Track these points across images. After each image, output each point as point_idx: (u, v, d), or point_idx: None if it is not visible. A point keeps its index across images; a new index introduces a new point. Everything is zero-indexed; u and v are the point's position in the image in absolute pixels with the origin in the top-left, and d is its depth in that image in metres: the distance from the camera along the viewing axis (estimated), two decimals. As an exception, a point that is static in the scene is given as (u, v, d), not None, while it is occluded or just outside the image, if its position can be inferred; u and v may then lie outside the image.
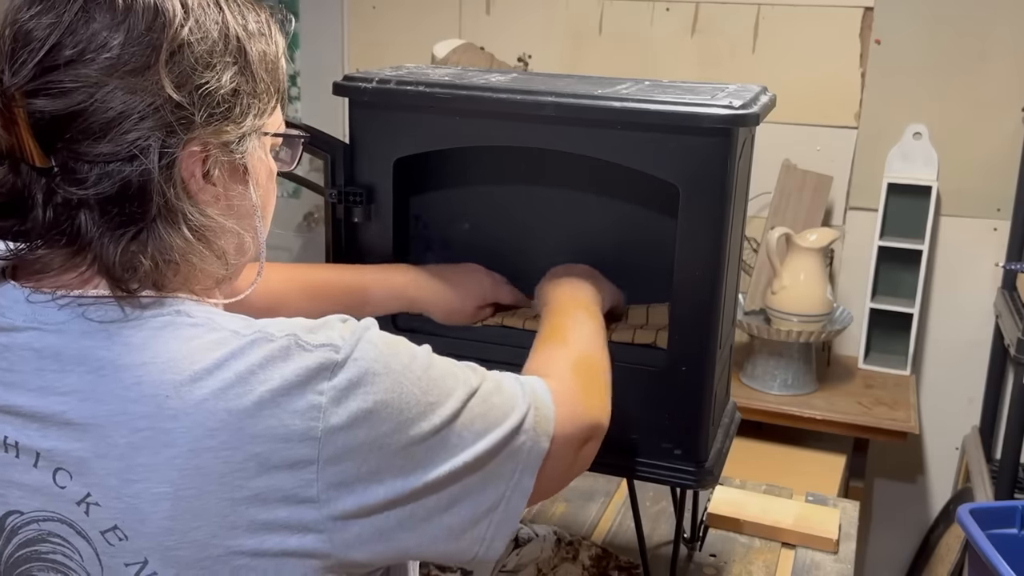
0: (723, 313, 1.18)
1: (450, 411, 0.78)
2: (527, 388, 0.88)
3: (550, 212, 1.30)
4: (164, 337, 0.72)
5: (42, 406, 0.72)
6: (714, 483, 1.24)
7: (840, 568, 1.45)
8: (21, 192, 0.72)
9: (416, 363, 0.78)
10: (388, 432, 0.74)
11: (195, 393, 0.70)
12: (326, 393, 0.71)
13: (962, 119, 2.49)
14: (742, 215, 1.28)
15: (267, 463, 0.70)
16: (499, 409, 0.83)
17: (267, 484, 0.70)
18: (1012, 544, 1.39)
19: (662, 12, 2.67)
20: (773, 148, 2.50)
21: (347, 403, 0.72)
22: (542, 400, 0.88)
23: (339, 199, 1.24)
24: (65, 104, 0.70)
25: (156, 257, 0.73)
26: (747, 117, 1.08)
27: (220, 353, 0.71)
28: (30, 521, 0.74)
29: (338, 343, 0.74)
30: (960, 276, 2.58)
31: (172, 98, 0.72)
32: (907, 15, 2.48)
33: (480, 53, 2.71)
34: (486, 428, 0.81)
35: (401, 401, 0.75)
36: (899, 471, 2.74)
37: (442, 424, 0.77)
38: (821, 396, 2.42)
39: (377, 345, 0.76)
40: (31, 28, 0.70)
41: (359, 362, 0.73)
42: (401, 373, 0.76)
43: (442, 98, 1.17)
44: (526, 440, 0.84)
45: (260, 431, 0.70)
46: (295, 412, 0.70)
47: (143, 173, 0.71)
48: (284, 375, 0.71)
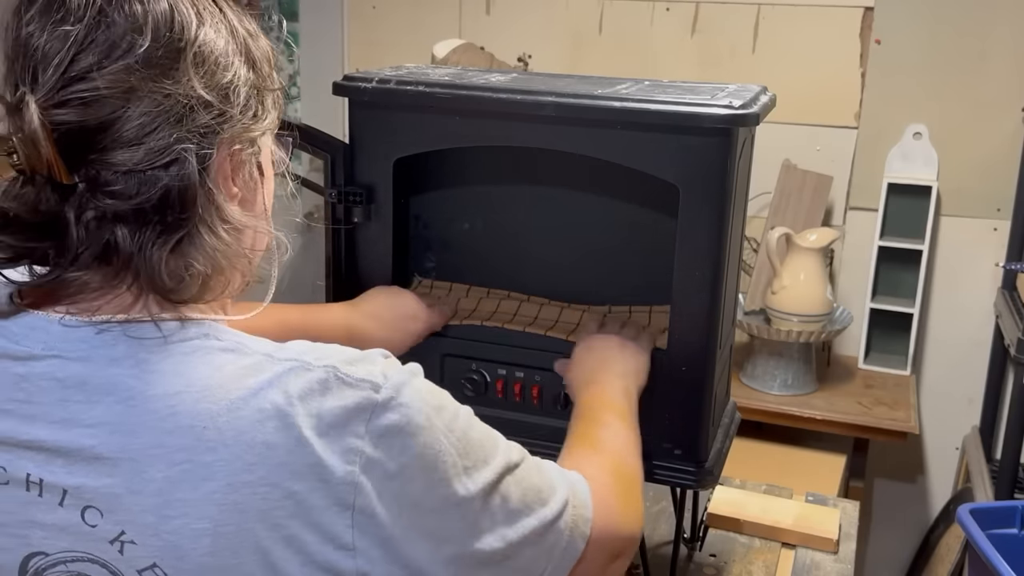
0: (723, 313, 1.18)
1: (485, 481, 0.74)
2: (567, 480, 0.84)
3: (550, 212, 1.30)
4: (194, 363, 0.69)
5: (67, 440, 0.67)
6: (714, 483, 1.24)
7: (840, 568, 1.45)
8: (51, 212, 0.67)
9: (458, 423, 0.75)
10: (420, 490, 0.71)
11: (233, 424, 0.66)
12: (365, 437, 0.68)
13: (962, 119, 2.49)
14: (742, 215, 1.27)
15: (305, 503, 0.67)
16: (536, 493, 0.79)
17: (306, 523, 0.67)
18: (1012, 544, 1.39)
19: (662, 12, 2.67)
20: (773, 148, 2.50)
21: (384, 451, 0.69)
22: (582, 498, 0.84)
23: (339, 199, 1.24)
24: (95, 113, 0.66)
25: (202, 264, 0.71)
26: (747, 117, 1.08)
27: (255, 380, 0.68)
28: (56, 563, 0.70)
29: (379, 381, 0.70)
30: (960, 276, 2.58)
31: (204, 98, 0.69)
32: (907, 15, 2.48)
33: (480, 53, 2.71)
34: (521, 510, 0.77)
35: (438, 459, 0.71)
36: (899, 471, 2.74)
37: (477, 493, 0.74)
38: (821, 396, 2.42)
39: (423, 395, 0.72)
40: (48, 37, 0.66)
41: (402, 409, 0.70)
42: (442, 430, 0.72)
43: (442, 98, 1.17)
44: (560, 539, 0.80)
45: (299, 469, 0.67)
46: (334, 453, 0.67)
47: (183, 178, 0.68)
48: (323, 411, 0.68)
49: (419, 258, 1.37)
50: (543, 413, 1.24)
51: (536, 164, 1.28)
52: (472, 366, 1.25)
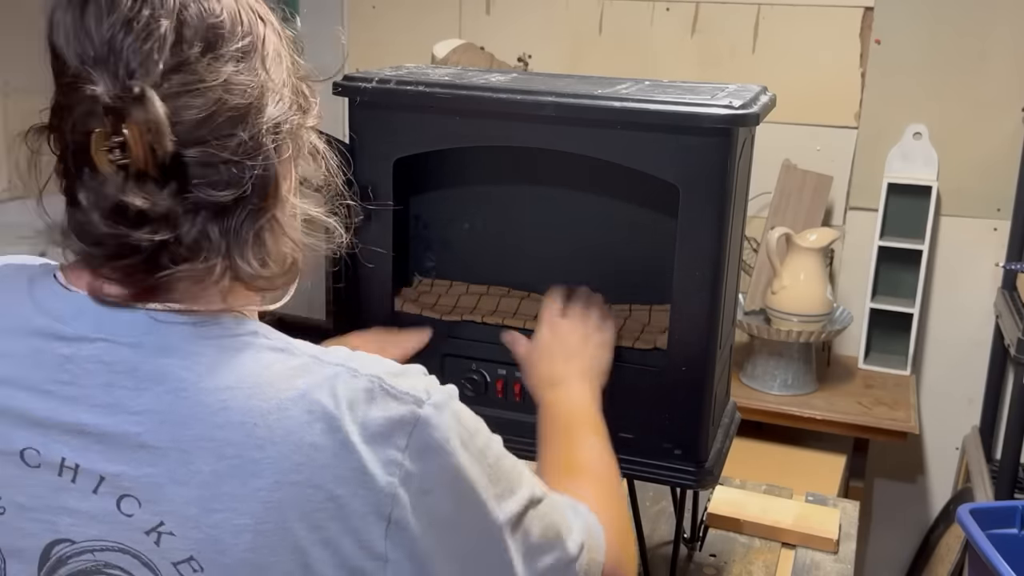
0: (723, 313, 1.18)
1: (512, 511, 0.75)
2: (582, 519, 0.85)
3: (550, 212, 1.30)
4: (245, 359, 0.69)
5: (110, 425, 0.67)
6: (714, 483, 1.24)
7: (840, 568, 1.45)
8: (163, 206, 0.66)
9: (491, 450, 0.76)
10: (452, 509, 0.71)
11: (283, 423, 0.67)
12: (405, 450, 0.69)
13: (962, 119, 2.49)
14: (742, 215, 1.28)
15: (347, 507, 0.67)
16: (556, 530, 0.80)
17: (345, 528, 0.67)
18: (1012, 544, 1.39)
19: (662, 12, 2.67)
20: (773, 148, 2.50)
21: (422, 466, 0.70)
22: (596, 541, 0.85)
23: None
24: (201, 104, 0.66)
25: (279, 250, 0.73)
26: (747, 117, 1.08)
27: (304, 382, 0.69)
28: (83, 551, 0.69)
29: (422, 396, 0.71)
30: (960, 276, 2.58)
31: (277, 89, 0.71)
32: (907, 15, 2.48)
33: (480, 53, 2.71)
34: (541, 546, 0.77)
35: (472, 482, 0.72)
36: (899, 471, 2.74)
37: (505, 522, 0.74)
38: (821, 396, 2.42)
39: (462, 417, 0.73)
40: (140, 32, 0.65)
41: (441, 429, 0.71)
42: (477, 455, 0.73)
43: (442, 98, 1.17)
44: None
45: (343, 473, 0.67)
46: (377, 462, 0.68)
47: (267, 168, 0.70)
48: (368, 419, 0.68)
49: (419, 258, 1.37)
50: (543, 413, 1.24)
51: (536, 164, 1.28)
52: (472, 366, 1.25)
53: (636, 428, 1.20)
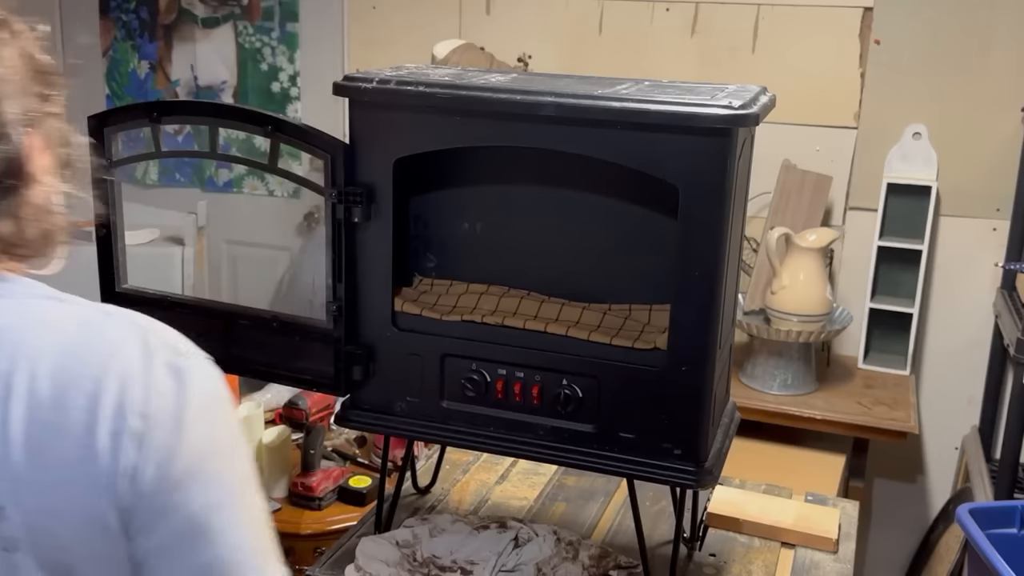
0: (723, 313, 1.18)
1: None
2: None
3: (550, 212, 1.31)
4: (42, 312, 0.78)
5: None
6: (714, 483, 1.24)
7: (840, 568, 1.45)
8: None
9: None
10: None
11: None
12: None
13: (962, 119, 2.49)
14: (742, 215, 1.28)
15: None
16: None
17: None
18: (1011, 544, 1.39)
19: (662, 12, 2.67)
20: (773, 148, 2.50)
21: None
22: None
23: (339, 199, 1.24)
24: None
25: (37, 226, 0.82)
26: (747, 117, 1.08)
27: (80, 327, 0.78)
28: None
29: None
30: (960, 276, 2.58)
31: (29, 76, 0.81)
32: (907, 15, 2.49)
33: (480, 53, 2.71)
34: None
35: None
36: (899, 471, 2.74)
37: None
38: (821, 396, 2.42)
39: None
40: None
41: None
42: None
43: (442, 98, 1.17)
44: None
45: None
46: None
47: (9, 151, 0.78)
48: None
49: (419, 257, 1.37)
50: (543, 413, 1.24)
51: (536, 164, 1.28)
52: (472, 366, 1.25)
53: (636, 428, 1.20)
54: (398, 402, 1.30)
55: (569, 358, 1.22)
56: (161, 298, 1.38)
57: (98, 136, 1.34)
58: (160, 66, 3.27)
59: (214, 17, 3.16)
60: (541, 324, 1.25)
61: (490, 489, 1.64)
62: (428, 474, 1.63)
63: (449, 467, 1.69)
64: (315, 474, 2.11)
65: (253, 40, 3.13)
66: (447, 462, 1.67)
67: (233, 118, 1.31)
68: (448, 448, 1.65)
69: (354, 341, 1.29)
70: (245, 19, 3.12)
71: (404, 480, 1.45)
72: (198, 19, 3.18)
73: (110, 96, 3.34)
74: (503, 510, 1.56)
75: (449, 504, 1.58)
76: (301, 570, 1.99)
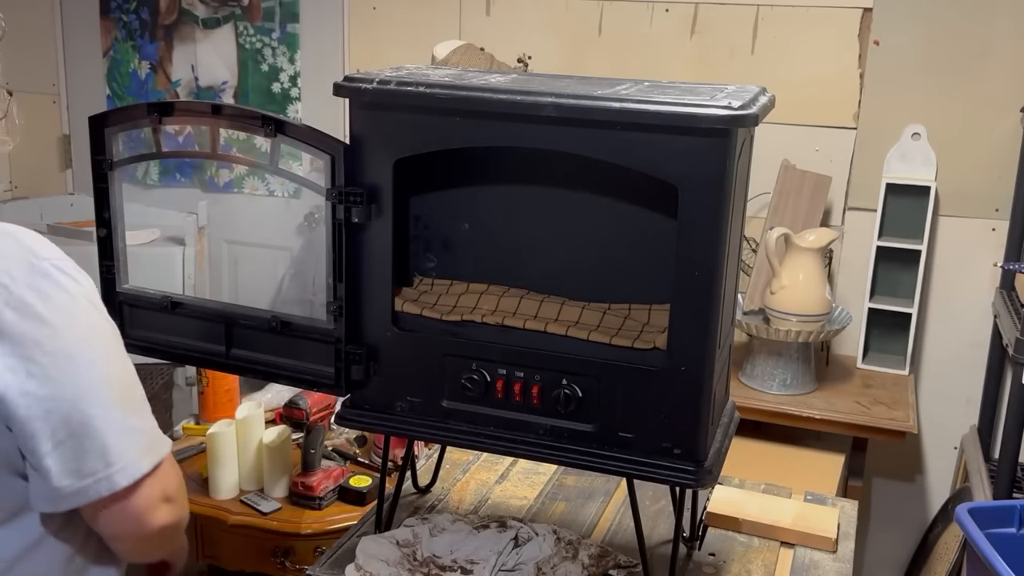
0: (722, 313, 1.18)
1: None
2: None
3: (550, 212, 1.31)
4: None
5: None
6: (713, 482, 1.24)
7: (839, 567, 1.45)
8: None
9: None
10: None
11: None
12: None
13: (961, 119, 2.50)
14: (741, 215, 1.28)
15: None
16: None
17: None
18: (1010, 543, 1.40)
19: (661, 13, 2.68)
20: (773, 148, 2.50)
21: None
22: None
23: (339, 199, 1.24)
24: None
25: None
26: (746, 118, 1.08)
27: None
28: None
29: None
30: (959, 276, 2.58)
31: None
32: (906, 16, 2.49)
33: (480, 54, 2.71)
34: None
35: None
36: (898, 470, 2.74)
37: None
38: (820, 396, 2.42)
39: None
40: None
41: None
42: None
43: (442, 99, 1.17)
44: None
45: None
46: None
47: None
48: None
49: (419, 257, 1.37)
50: (543, 413, 1.24)
51: (536, 164, 1.28)
52: (472, 366, 1.26)
53: (636, 428, 1.20)
54: (398, 402, 1.30)
55: (569, 358, 1.22)
56: (162, 298, 1.38)
57: (98, 136, 1.34)
58: (161, 66, 3.27)
59: (215, 18, 3.16)
60: (541, 324, 1.26)
61: (490, 489, 1.64)
62: (428, 474, 1.63)
63: (449, 467, 1.69)
64: (315, 474, 2.11)
65: (254, 41, 3.13)
66: (447, 462, 1.68)
67: (233, 118, 1.31)
68: (448, 448, 1.65)
69: (354, 341, 1.29)
70: (246, 20, 3.12)
71: (404, 480, 1.46)
72: (199, 20, 3.18)
73: (111, 96, 3.34)
74: (503, 510, 1.56)
75: (449, 504, 1.58)
76: (301, 569, 2.00)
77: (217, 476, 2.12)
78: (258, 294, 3.16)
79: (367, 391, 1.31)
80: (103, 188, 1.37)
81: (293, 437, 2.23)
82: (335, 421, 1.41)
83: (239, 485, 2.15)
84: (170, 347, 1.40)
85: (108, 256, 1.39)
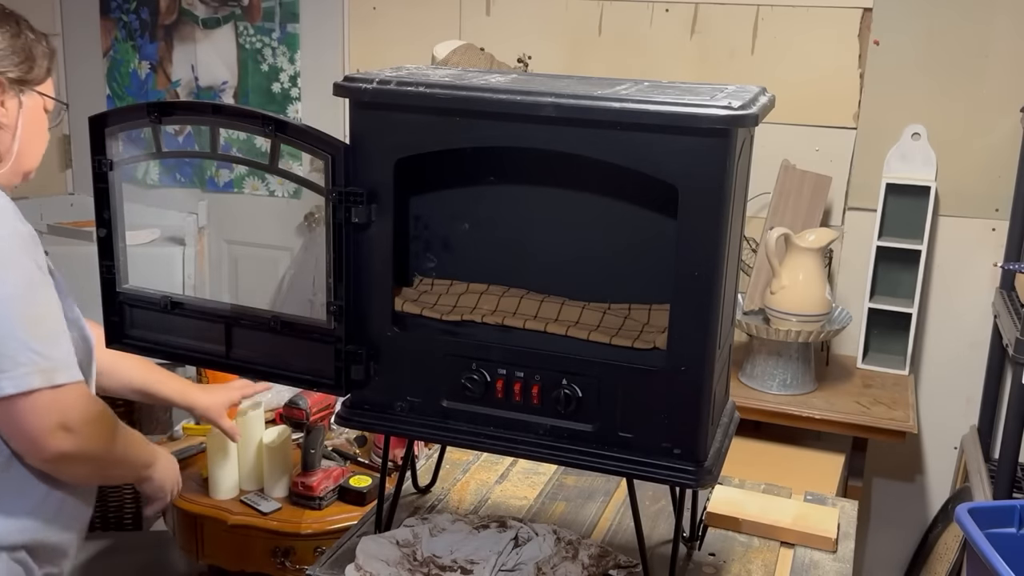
0: (722, 313, 1.18)
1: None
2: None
3: (550, 212, 1.31)
4: None
5: None
6: (713, 482, 1.24)
7: (839, 567, 1.45)
8: None
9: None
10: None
11: None
12: None
13: (961, 119, 2.50)
14: (741, 215, 1.28)
15: None
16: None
17: None
18: (1010, 543, 1.39)
19: (661, 13, 2.68)
20: (773, 148, 2.50)
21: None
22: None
23: (340, 199, 1.24)
24: None
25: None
26: (746, 118, 1.08)
27: None
28: None
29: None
30: (959, 276, 2.58)
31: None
32: (906, 16, 2.49)
33: (480, 54, 2.71)
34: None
35: None
36: (898, 470, 2.74)
37: None
38: (820, 396, 2.42)
39: None
40: None
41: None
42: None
43: (442, 99, 1.17)
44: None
45: None
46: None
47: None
48: None
49: (419, 257, 1.37)
50: (543, 413, 1.24)
51: (536, 164, 1.28)
52: (472, 366, 1.26)
53: (635, 428, 1.20)
54: (398, 402, 1.30)
55: (569, 358, 1.22)
56: (161, 298, 1.38)
57: (98, 136, 1.34)
58: (161, 67, 3.27)
59: (215, 18, 3.16)
60: (541, 324, 1.26)
61: (490, 489, 1.64)
62: (428, 474, 1.63)
63: (449, 467, 1.69)
64: (315, 474, 2.11)
65: (254, 41, 3.13)
66: (447, 462, 1.68)
67: (233, 118, 1.31)
68: (448, 448, 1.65)
69: (354, 341, 1.29)
70: (246, 20, 3.13)
71: (404, 480, 1.46)
72: (199, 20, 3.18)
73: (111, 96, 3.34)
74: (503, 509, 1.56)
75: (449, 504, 1.58)
76: (301, 569, 2.00)
77: (217, 476, 2.12)
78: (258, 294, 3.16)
79: (367, 391, 1.31)
80: (103, 188, 1.37)
81: (293, 437, 2.23)
82: (335, 421, 1.41)
83: (239, 485, 2.15)
84: (170, 347, 1.40)
85: (108, 256, 1.39)
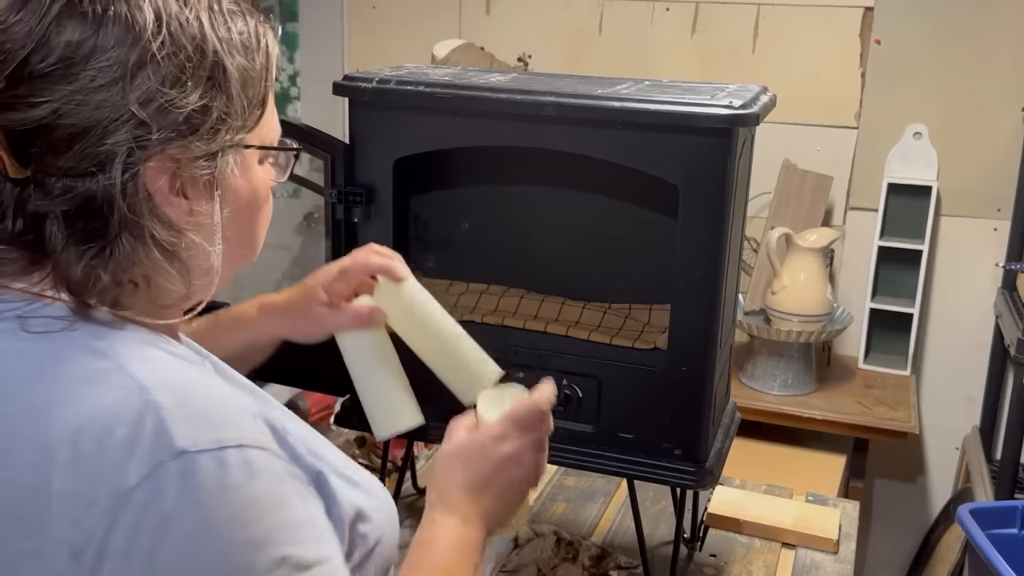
0: (723, 313, 1.18)
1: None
2: None
3: (550, 212, 1.30)
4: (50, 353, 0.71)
5: None
6: (714, 483, 1.24)
7: (840, 568, 1.45)
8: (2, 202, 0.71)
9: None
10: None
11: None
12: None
13: (962, 119, 2.49)
14: (742, 215, 1.28)
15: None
16: None
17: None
18: (1012, 544, 1.39)
19: (662, 12, 2.67)
20: (773, 148, 2.50)
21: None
22: None
23: (339, 199, 1.24)
24: (34, 117, 0.68)
25: (117, 273, 0.72)
26: (747, 117, 1.08)
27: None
28: None
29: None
30: (960, 276, 2.58)
31: (136, 114, 0.70)
32: (907, 15, 2.48)
33: (480, 53, 2.71)
34: None
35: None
36: (899, 471, 2.74)
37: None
38: (821, 396, 2.42)
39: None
40: (3, 39, 0.69)
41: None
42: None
43: (442, 98, 1.17)
44: None
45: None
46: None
47: (106, 188, 0.70)
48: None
49: (419, 257, 1.37)
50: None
51: (536, 164, 1.28)
52: (472, 366, 1.25)
53: (636, 428, 1.20)
54: (398, 402, 1.30)
55: (569, 358, 1.22)
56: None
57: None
58: (160, 66, 3.27)
59: (214, 17, 3.16)
60: (541, 324, 1.25)
61: (490, 489, 1.63)
62: (428, 474, 1.63)
63: (449, 467, 1.68)
64: (315, 474, 2.10)
65: (253, 40, 3.13)
66: (447, 462, 1.67)
67: (233, 118, 1.31)
68: (448, 448, 1.65)
69: (354, 341, 1.28)
70: (245, 19, 3.12)
71: (404, 480, 1.45)
72: (198, 19, 3.18)
73: (110, 96, 3.34)
74: (503, 510, 1.56)
75: (449, 504, 1.57)
76: (301, 570, 1.99)
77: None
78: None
79: (367, 391, 1.31)
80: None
81: (293, 437, 2.22)
82: (335, 421, 1.41)
83: (239, 485, 2.15)
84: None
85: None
